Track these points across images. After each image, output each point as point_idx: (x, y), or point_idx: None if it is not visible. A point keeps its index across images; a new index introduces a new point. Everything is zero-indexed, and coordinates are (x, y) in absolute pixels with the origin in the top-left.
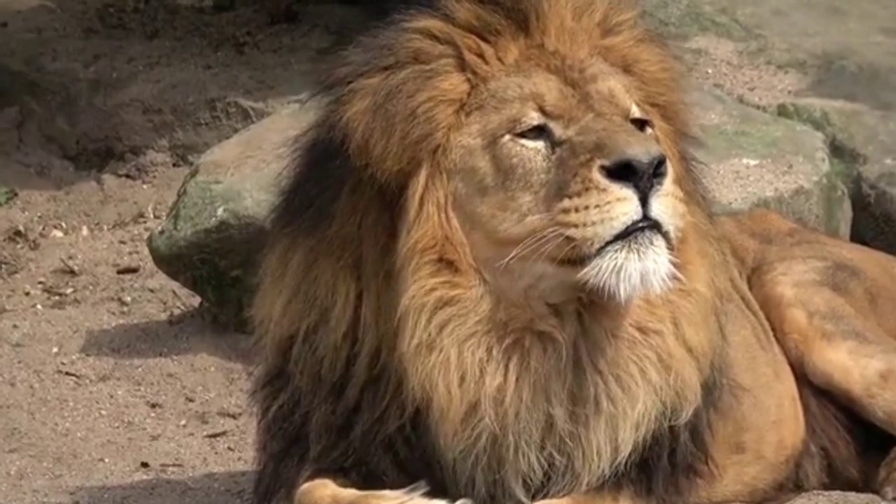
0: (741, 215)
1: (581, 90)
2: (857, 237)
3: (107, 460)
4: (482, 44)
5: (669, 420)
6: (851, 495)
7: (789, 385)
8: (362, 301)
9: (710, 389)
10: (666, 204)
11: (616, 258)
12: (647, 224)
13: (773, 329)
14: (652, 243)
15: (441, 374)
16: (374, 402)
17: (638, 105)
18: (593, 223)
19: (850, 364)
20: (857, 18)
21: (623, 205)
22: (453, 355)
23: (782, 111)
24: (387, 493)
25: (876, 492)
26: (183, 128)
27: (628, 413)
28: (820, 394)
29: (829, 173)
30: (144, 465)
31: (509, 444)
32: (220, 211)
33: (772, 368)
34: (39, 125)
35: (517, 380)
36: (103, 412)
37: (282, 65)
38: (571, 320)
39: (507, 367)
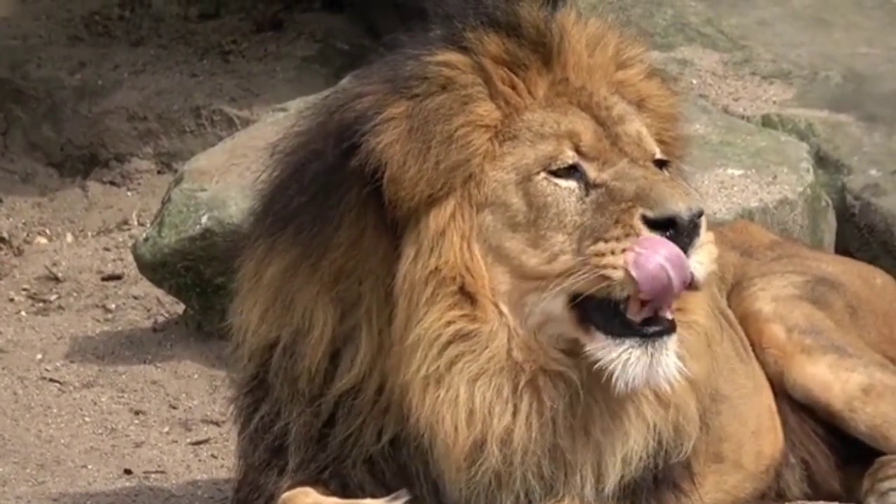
0: (722, 227)
1: (610, 131)
2: (842, 248)
3: (90, 467)
4: (513, 76)
5: (669, 456)
6: None
7: (767, 397)
8: (349, 334)
9: (703, 415)
10: (703, 253)
11: (630, 353)
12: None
13: (752, 344)
14: (666, 346)
15: (449, 411)
16: (349, 418)
17: (658, 146)
18: None
19: (830, 378)
20: (842, 29)
21: None
22: (462, 393)
23: (767, 122)
24: (368, 501)
25: (859, 502)
26: (168, 135)
27: (616, 448)
28: (799, 408)
29: (813, 184)
30: (128, 471)
31: (515, 479)
32: (204, 219)
33: (751, 380)
34: (24, 132)
35: (527, 418)
36: (87, 419)
37: (267, 73)
38: (583, 359)
39: (517, 406)
